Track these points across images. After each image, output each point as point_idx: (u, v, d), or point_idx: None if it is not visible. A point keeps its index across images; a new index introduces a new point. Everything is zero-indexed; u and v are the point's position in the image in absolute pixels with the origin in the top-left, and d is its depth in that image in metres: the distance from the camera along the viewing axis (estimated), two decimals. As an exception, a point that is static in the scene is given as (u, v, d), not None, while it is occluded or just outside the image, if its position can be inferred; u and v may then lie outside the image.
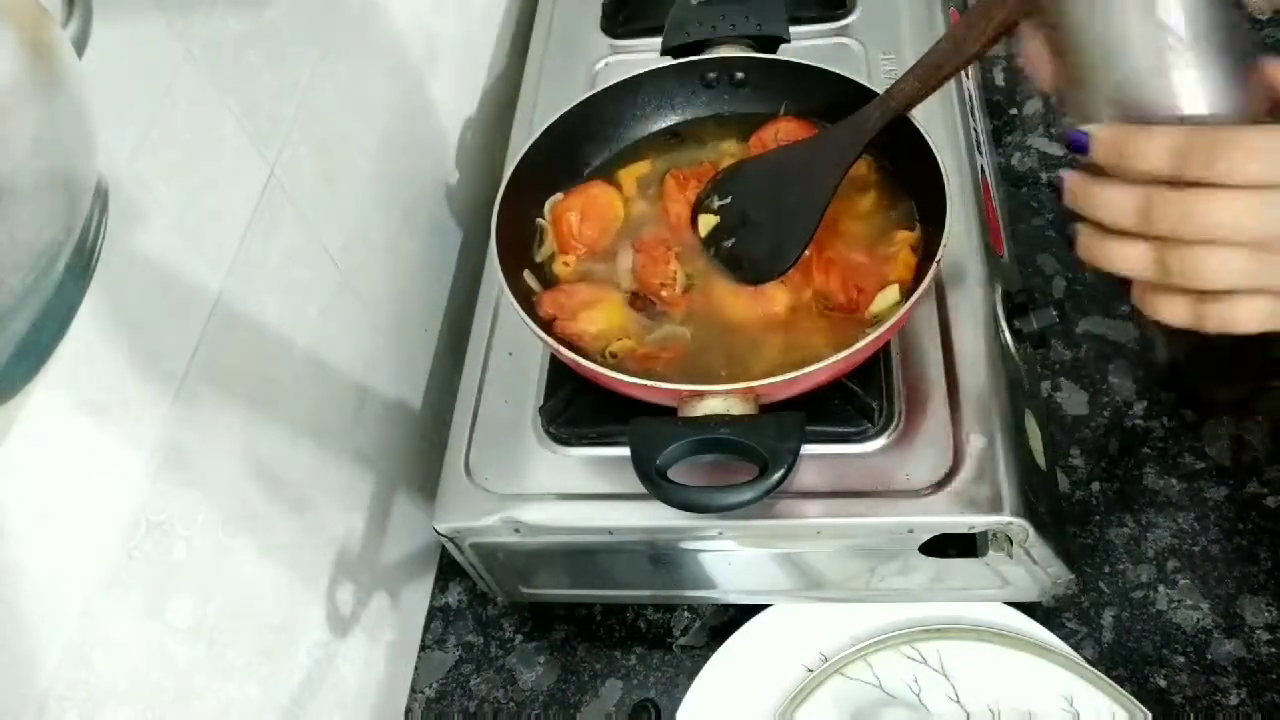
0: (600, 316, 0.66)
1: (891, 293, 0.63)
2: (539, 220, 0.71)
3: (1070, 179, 0.44)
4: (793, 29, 0.77)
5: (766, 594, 0.73)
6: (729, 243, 0.67)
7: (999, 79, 1.04)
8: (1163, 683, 0.69)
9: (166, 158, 0.52)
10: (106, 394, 0.47)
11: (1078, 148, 0.42)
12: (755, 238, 0.66)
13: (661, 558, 0.70)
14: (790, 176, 0.66)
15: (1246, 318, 0.41)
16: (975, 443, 0.62)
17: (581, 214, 0.70)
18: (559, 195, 0.72)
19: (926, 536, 0.62)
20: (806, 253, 0.64)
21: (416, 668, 0.79)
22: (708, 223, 0.68)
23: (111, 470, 0.48)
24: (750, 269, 0.66)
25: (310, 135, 0.66)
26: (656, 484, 0.54)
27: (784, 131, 0.72)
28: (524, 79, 0.91)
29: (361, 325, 0.73)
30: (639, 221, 0.71)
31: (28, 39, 0.35)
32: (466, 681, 0.78)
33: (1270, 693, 0.67)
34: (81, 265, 0.39)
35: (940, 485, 0.61)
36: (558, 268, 0.70)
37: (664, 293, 0.66)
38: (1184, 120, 0.40)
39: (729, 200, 0.68)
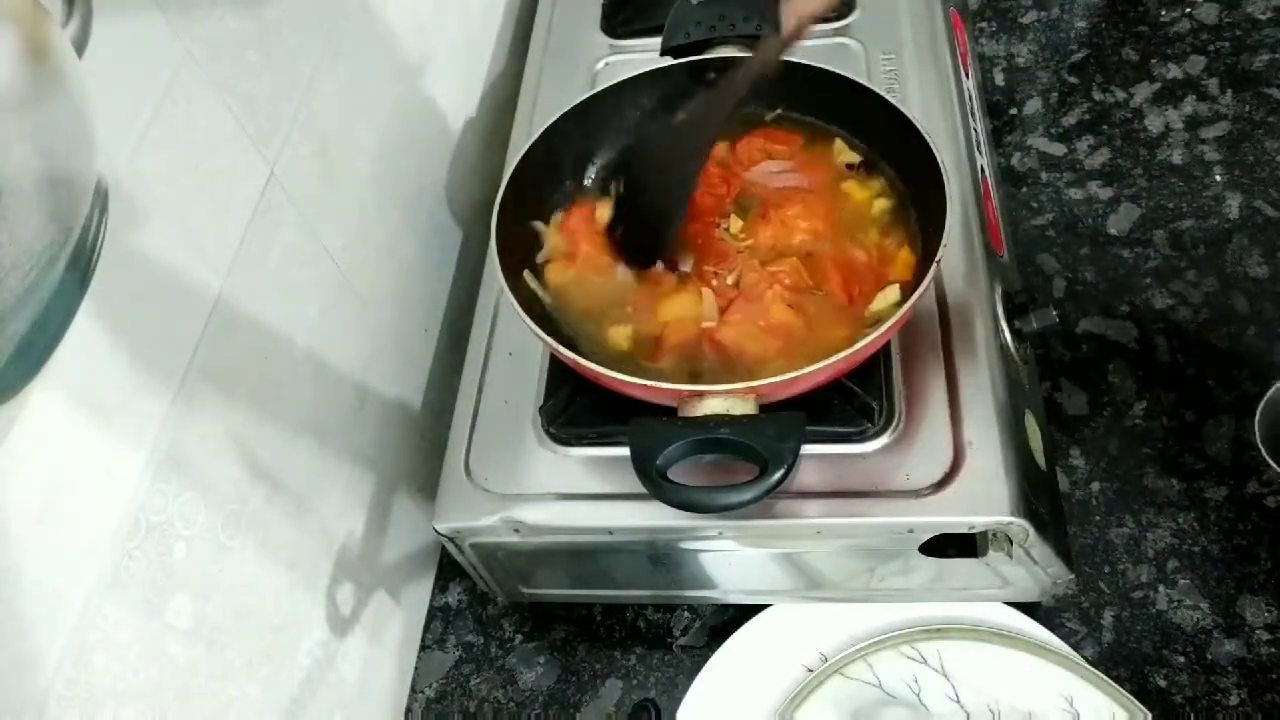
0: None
1: (891, 293, 0.63)
2: (535, 224, 0.72)
3: None
4: (793, 29, 0.77)
5: (766, 594, 0.73)
6: (620, 228, 0.68)
7: (999, 79, 1.04)
8: (1163, 683, 0.69)
9: (166, 158, 0.52)
10: (106, 394, 0.47)
11: None
12: (639, 222, 0.68)
13: (661, 558, 0.70)
14: (665, 159, 0.67)
15: None
16: (975, 443, 0.62)
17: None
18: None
19: (926, 536, 0.62)
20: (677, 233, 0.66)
21: (416, 668, 0.79)
22: (605, 209, 0.70)
23: (111, 470, 0.48)
24: (635, 254, 0.67)
25: (310, 135, 0.66)
26: (656, 484, 0.54)
27: (772, 139, 0.72)
28: (524, 79, 0.91)
29: (361, 325, 0.73)
30: None
31: (28, 39, 0.36)
32: (466, 681, 0.78)
33: (1270, 693, 0.67)
34: (81, 265, 0.39)
35: (940, 485, 0.61)
36: (552, 271, 0.70)
37: (715, 283, 0.66)
38: None
39: (623, 185, 0.69)
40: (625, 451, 0.56)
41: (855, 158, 0.71)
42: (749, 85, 0.62)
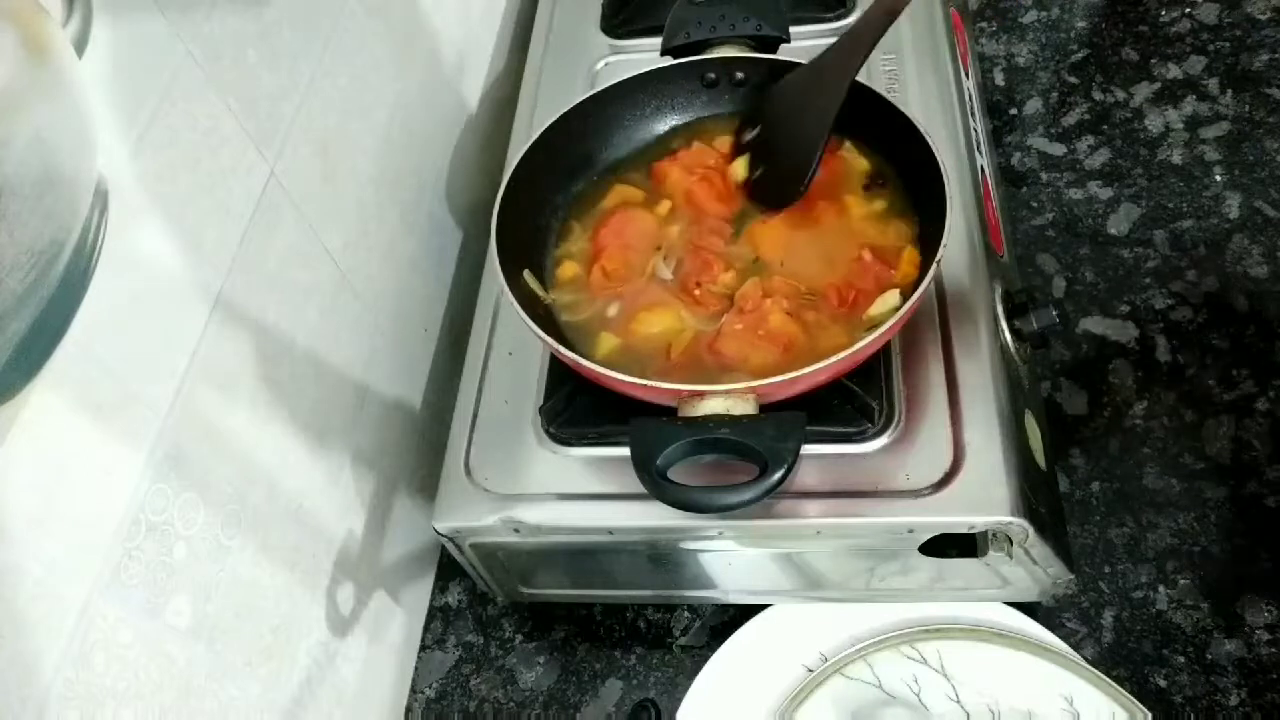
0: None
1: (891, 297, 0.63)
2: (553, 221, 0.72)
3: None
4: (793, 29, 0.77)
5: (766, 594, 0.73)
6: (758, 173, 0.69)
7: (999, 79, 1.04)
8: (1163, 683, 0.69)
9: (166, 158, 0.52)
10: (106, 394, 0.47)
11: None
12: (777, 163, 0.68)
13: (661, 558, 0.70)
14: (802, 96, 0.67)
15: None
16: (975, 443, 0.62)
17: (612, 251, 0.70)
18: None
19: (926, 536, 0.62)
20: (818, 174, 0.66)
21: (416, 668, 0.79)
22: (742, 163, 0.70)
23: (111, 470, 0.48)
24: (773, 196, 0.67)
25: (310, 135, 0.66)
26: (656, 484, 0.54)
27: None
28: (524, 79, 0.91)
29: (361, 325, 0.73)
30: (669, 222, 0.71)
31: (28, 39, 0.36)
32: (466, 681, 0.78)
33: (1270, 693, 0.67)
34: (81, 265, 0.39)
35: (940, 485, 0.61)
36: (561, 271, 0.70)
37: (697, 292, 0.66)
38: None
39: (758, 130, 0.70)
40: (625, 451, 0.56)
41: (864, 164, 0.71)
42: (887, 21, 0.62)
